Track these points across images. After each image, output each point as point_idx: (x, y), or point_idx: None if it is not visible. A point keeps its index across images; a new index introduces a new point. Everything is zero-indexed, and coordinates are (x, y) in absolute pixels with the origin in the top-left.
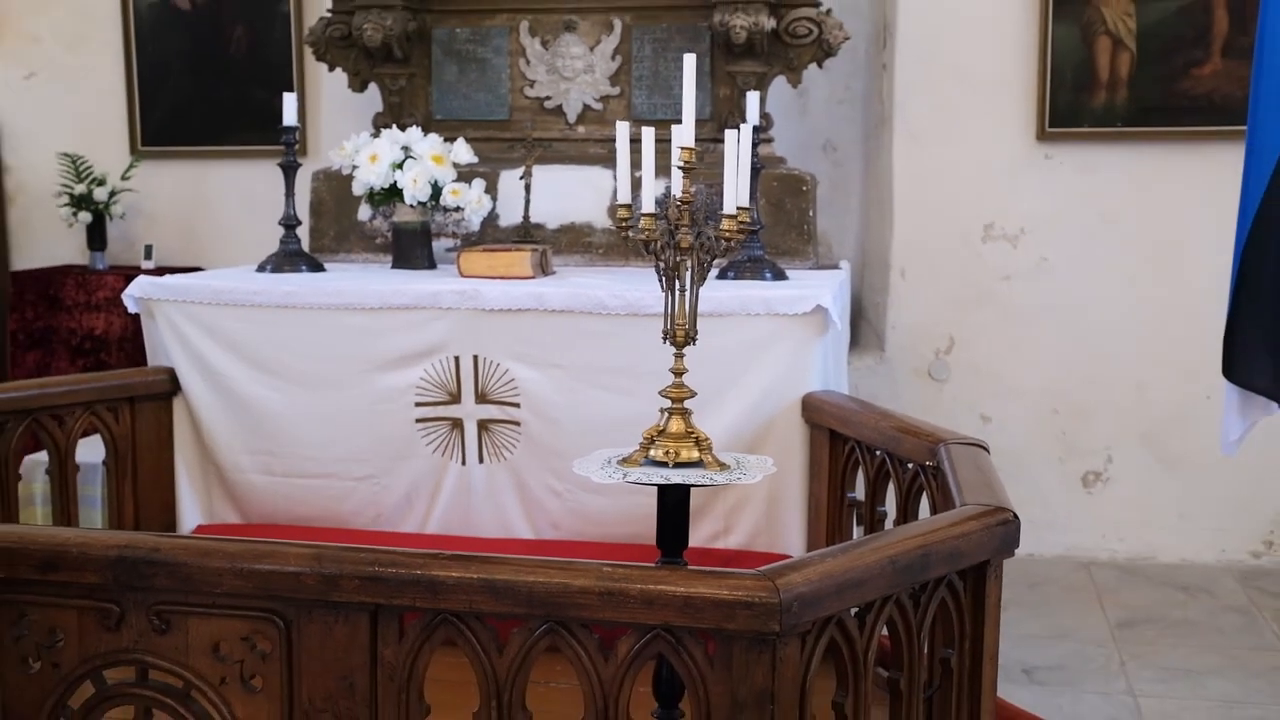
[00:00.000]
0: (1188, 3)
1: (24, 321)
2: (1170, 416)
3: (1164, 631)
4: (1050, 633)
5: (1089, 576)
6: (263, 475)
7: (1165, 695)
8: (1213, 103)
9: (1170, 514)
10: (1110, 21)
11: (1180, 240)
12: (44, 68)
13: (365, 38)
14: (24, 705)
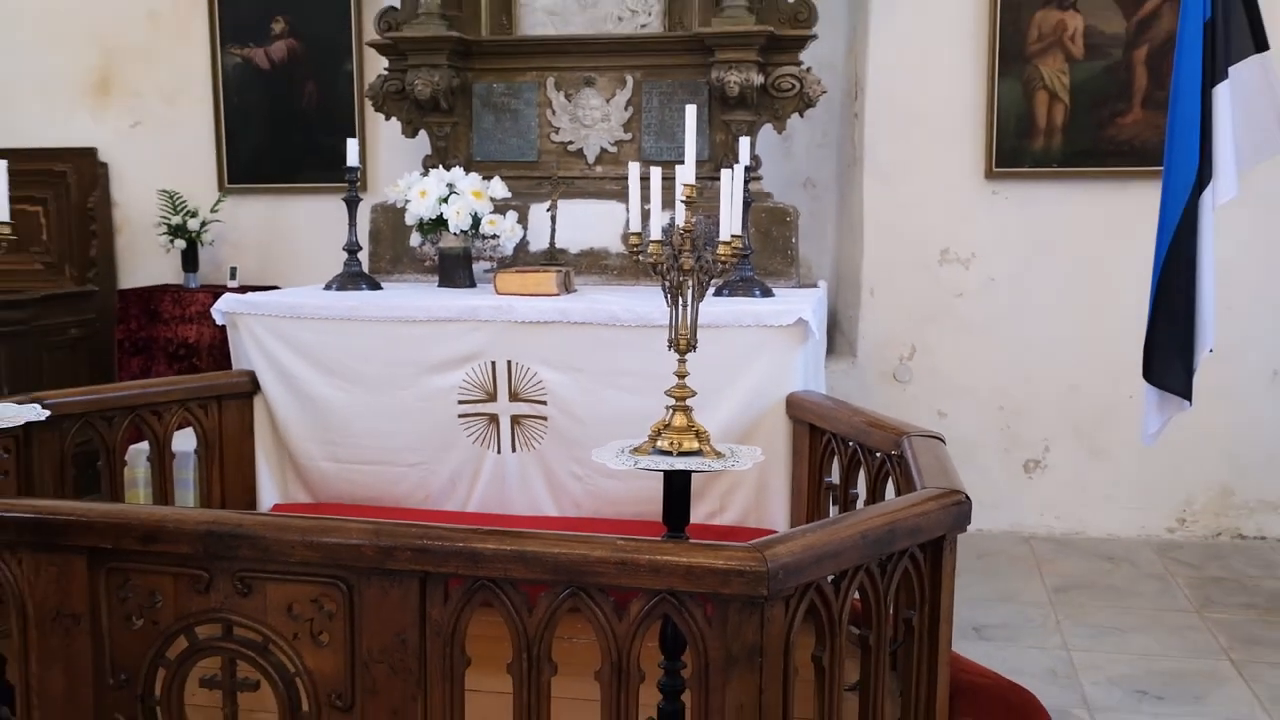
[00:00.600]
0: (1113, 63)
1: (129, 332)
2: (1098, 413)
3: (1093, 595)
4: (997, 596)
5: (1029, 549)
6: (329, 462)
7: (1094, 649)
8: (1134, 147)
9: (1098, 496)
10: (1047, 79)
11: (1106, 264)
12: (146, 118)
13: (416, 92)
14: (129, 657)
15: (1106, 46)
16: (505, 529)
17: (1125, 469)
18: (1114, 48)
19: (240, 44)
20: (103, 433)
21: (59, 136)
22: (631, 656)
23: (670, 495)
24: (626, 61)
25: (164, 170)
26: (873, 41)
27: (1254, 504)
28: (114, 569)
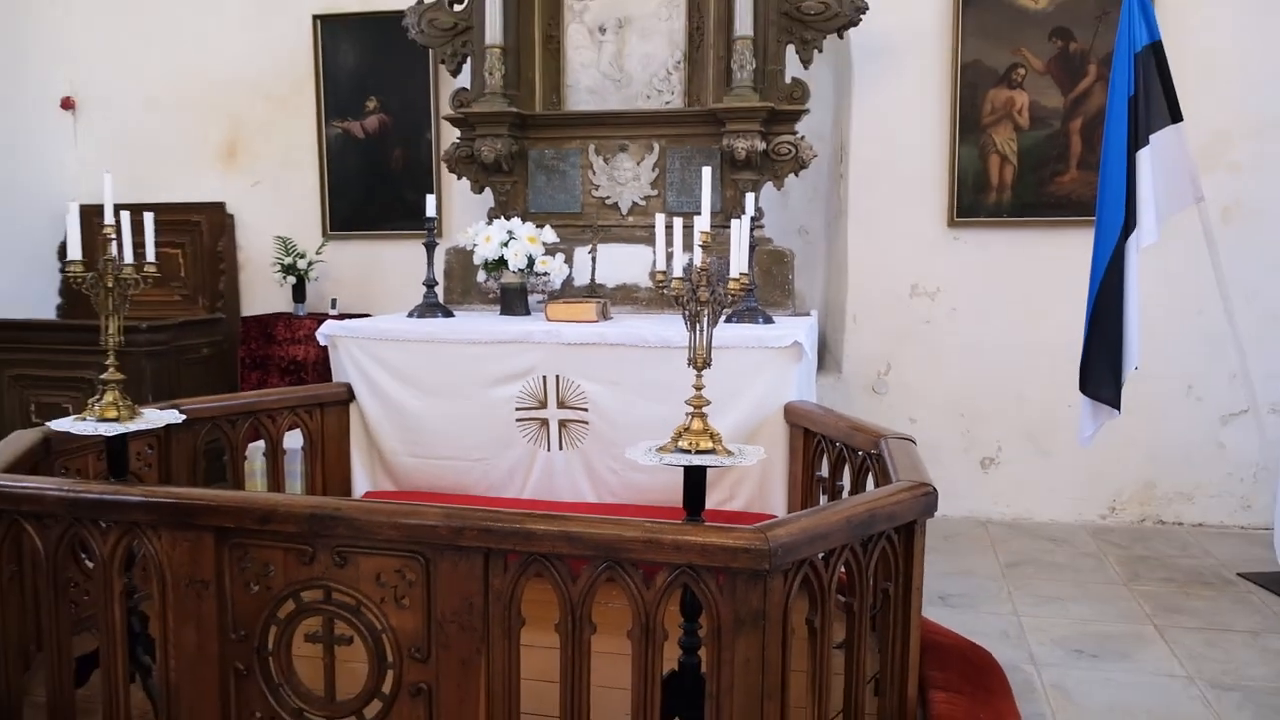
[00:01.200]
0: (1053, 131)
1: (249, 351)
2: (1042, 419)
3: (1039, 570)
4: (958, 570)
5: (985, 531)
6: (410, 458)
7: (1039, 615)
8: (1071, 201)
9: (1043, 488)
10: (999, 145)
11: (1048, 296)
12: (265, 178)
13: (482, 156)
14: (247, 616)
15: (1048, 118)
16: (554, 513)
17: (1065, 466)
18: (1054, 119)
19: (341, 118)
20: (228, 433)
21: (195, 193)
22: (657, 619)
23: (689, 486)
24: (653, 131)
25: (279, 220)
26: (855, 114)
27: (1172, 495)
28: (236, 544)
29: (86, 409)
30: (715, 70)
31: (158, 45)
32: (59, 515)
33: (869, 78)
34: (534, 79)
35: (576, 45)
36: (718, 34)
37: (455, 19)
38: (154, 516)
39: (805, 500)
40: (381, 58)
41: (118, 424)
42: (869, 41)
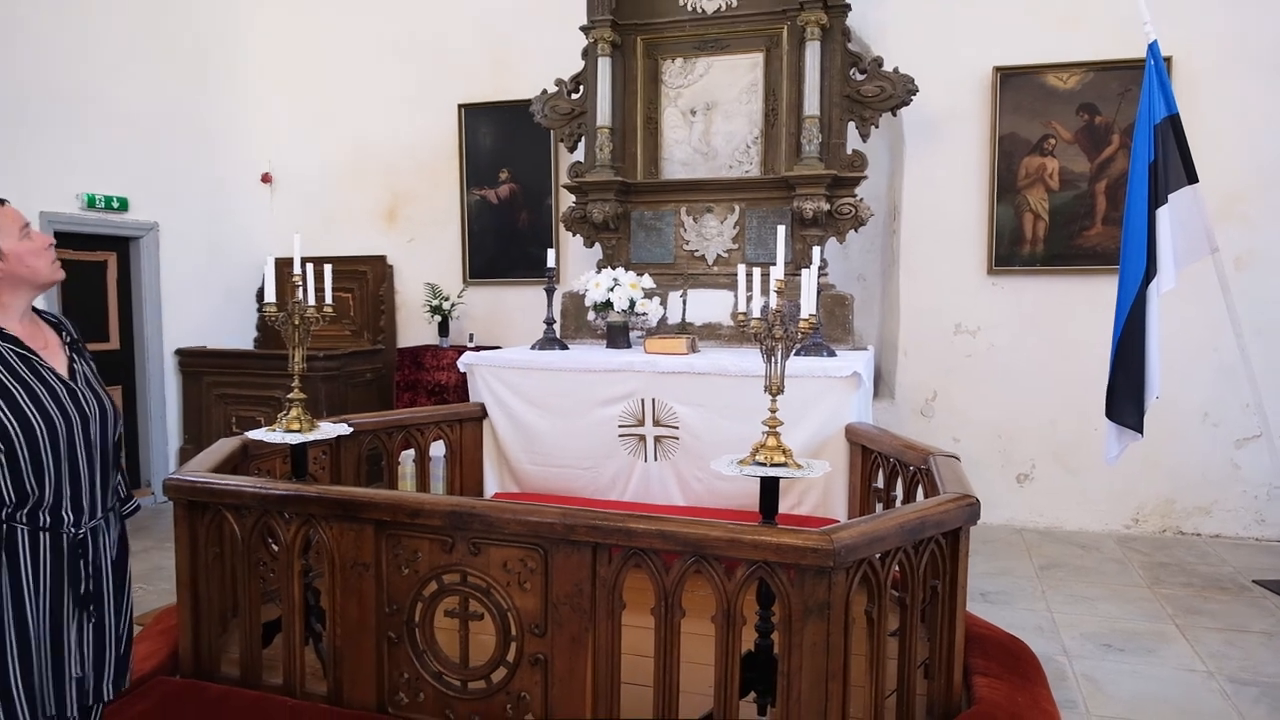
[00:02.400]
0: (1080, 192)
1: (403, 376)
2: (1072, 441)
3: (1070, 573)
4: (998, 571)
5: (1021, 538)
6: (531, 465)
7: (1070, 612)
8: (1096, 252)
9: (1072, 501)
10: (1032, 204)
11: (1076, 334)
12: (418, 235)
13: (593, 217)
14: (398, 594)
15: (1076, 181)
16: (650, 514)
17: (1092, 482)
18: (1081, 182)
19: (479, 187)
20: (385, 443)
21: (363, 248)
22: (737, 606)
23: (764, 493)
24: (735, 196)
25: (428, 269)
26: (906, 179)
27: (1191, 510)
28: (391, 534)
29: (276, 422)
30: (787, 144)
31: (336, 129)
32: (253, 508)
33: (918, 147)
34: (636, 153)
35: (672, 125)
36: (789, 114)
37: (572, 105)
38: (327, 510)
39: (863, 508)
40: (512, 137)
41: (300, 434)
42: (918, 117)
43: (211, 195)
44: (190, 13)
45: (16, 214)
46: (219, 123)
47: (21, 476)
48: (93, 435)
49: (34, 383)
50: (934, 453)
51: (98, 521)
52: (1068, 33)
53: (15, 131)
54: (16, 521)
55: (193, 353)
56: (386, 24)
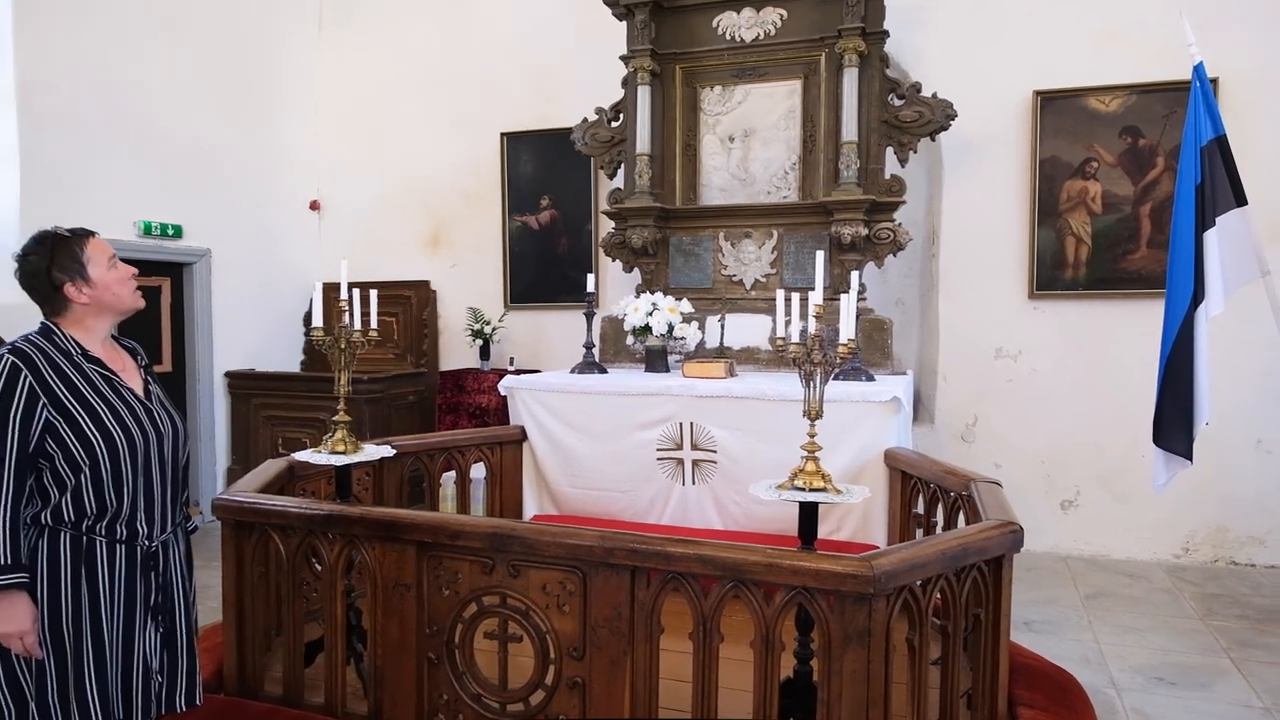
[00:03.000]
0: (1124, 215)
1: (445, 399)
2: (1118, 467)
3: (1116, 602)
4: (1042, 600)
5: (1066, 566)
6: (570, 488)
7: (1119, 644)
8: (1141, 276)
9: (1119, 528)
10: (1075, 228)
11: (1120, 358)
12: (460, 261)
13: (632, 243)
14: (439, 615)
15: (1119, 204)
16: (688, 538)
17: (1140, 509)
18: (1125, 205)
19: (520, 214)
20: (427, 464)
21: (407, 273)
22: (776, 631)
23: (803, 518)
24: (773, 221)
25: (470, 294)
26: (945, 203)
27: (1244, 539)
28: (432, 555)
29: (321, 444)
30: (825, 170)
31: (383, 158)
32: (298, 528)
33: (957, 172)
34: (675, 180)
35: (710, 152)
36: (827, 140)
37: (612, 133)
38: (370, 531)
39: (903, 534)
40: (553, 165)
41: (345, 456)
42: (957, 142)
43: (262, 222)
44: (247, 47)
45: (105, 245)
46: (271, 152)
47: (103, 489)
48: (165, 453)
49: (116, 402)
50: (975, 478)
51: (167, 535)
52: (1109, 55)
53: (81, 163)
54: (96, 534)
55: (242, 375)
56: (433, 56)
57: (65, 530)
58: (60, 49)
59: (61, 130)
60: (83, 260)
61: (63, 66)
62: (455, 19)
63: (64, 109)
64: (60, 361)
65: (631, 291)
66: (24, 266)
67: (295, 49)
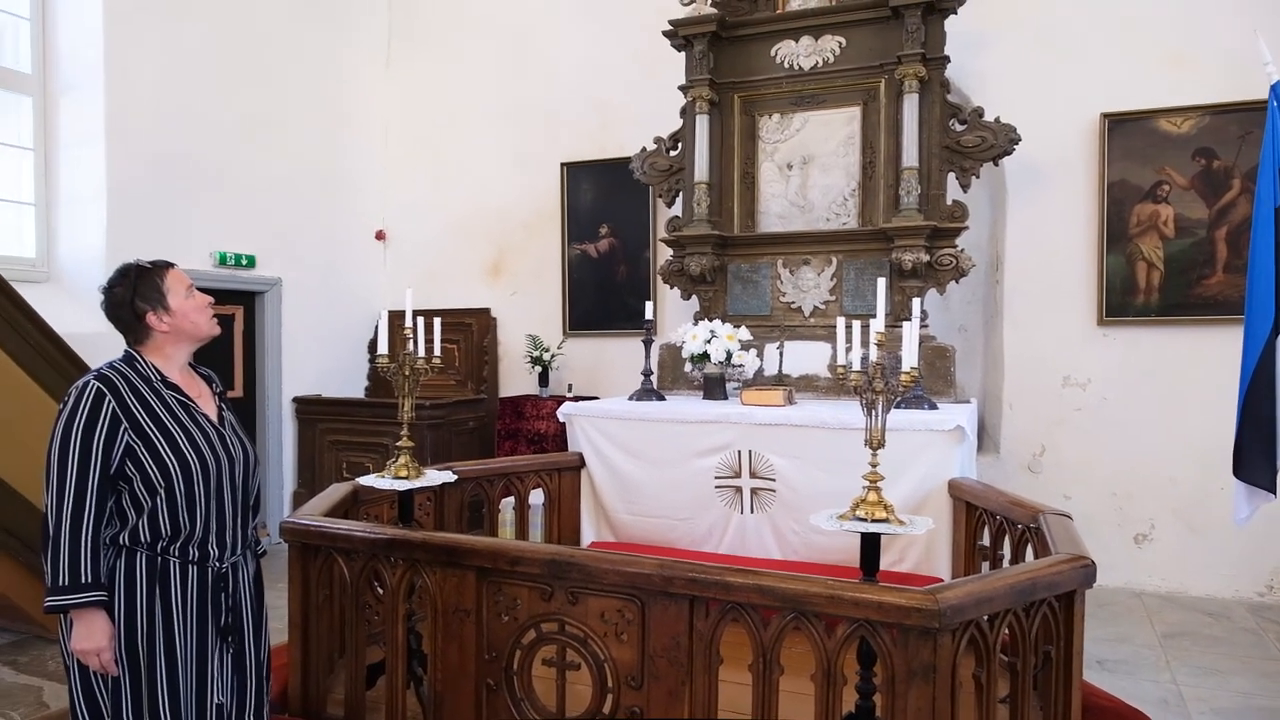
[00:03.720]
0: (1198, 240)
1: (504, 425)
2: (1195, 499)
3: (1196, 642)
4: (1115, 638)
5: (1141, 603)
6: (627, 515)
7: (1199, 686)
8: (1217, 301)
9: (1197, 563)
10: (1145, 253)
11: (1195, 386)
12: (520, 288)
13: (690, 270)
14: (498, 641)
15: (1193, 228)
16: (748, 568)
17: (1219, 544)
18: (1199, 229)
19: (579, 242)
20: (487, 490)
21: (468, 300)
22: (837, 665)
23: (865, 549)
24: (832, 248)
25: (529, 322)
26: (1009, 228)
27: None
28: (492, 581)
29: (385, 468)
30: (885, 196)
31: (445, 188)
32: (362, 551)
33: (1022, 196)
34: (733, 207)
35: (768, 179)
36: (887, 166)
37: (670, 162)
38: (431, 556)
39: (968, 567)
40: (612, 194)
41: (407, 481)
42: (1021, 166)
43: (330, 252)
44: (318, 83)
45: (182, 276)
46: (339, 184)
47: (177, 512)
48: (237, 477)
49: (191, 427)
50: (1044, 510)
51: (237, 558)
52: (1180, 76)
53: (163, 197)
54: (170, 555)
55: (309, 400)
56: (496, 90)
57: (141, 551)
58: (146, 89)
59: (145, 167)
60: (163, 290)
61: (148, 106)
62: (517, 53)
63: (148, 147)
64: (141, 387)
65: (689, 319)
66: (109, 298)
67: (364, 85)
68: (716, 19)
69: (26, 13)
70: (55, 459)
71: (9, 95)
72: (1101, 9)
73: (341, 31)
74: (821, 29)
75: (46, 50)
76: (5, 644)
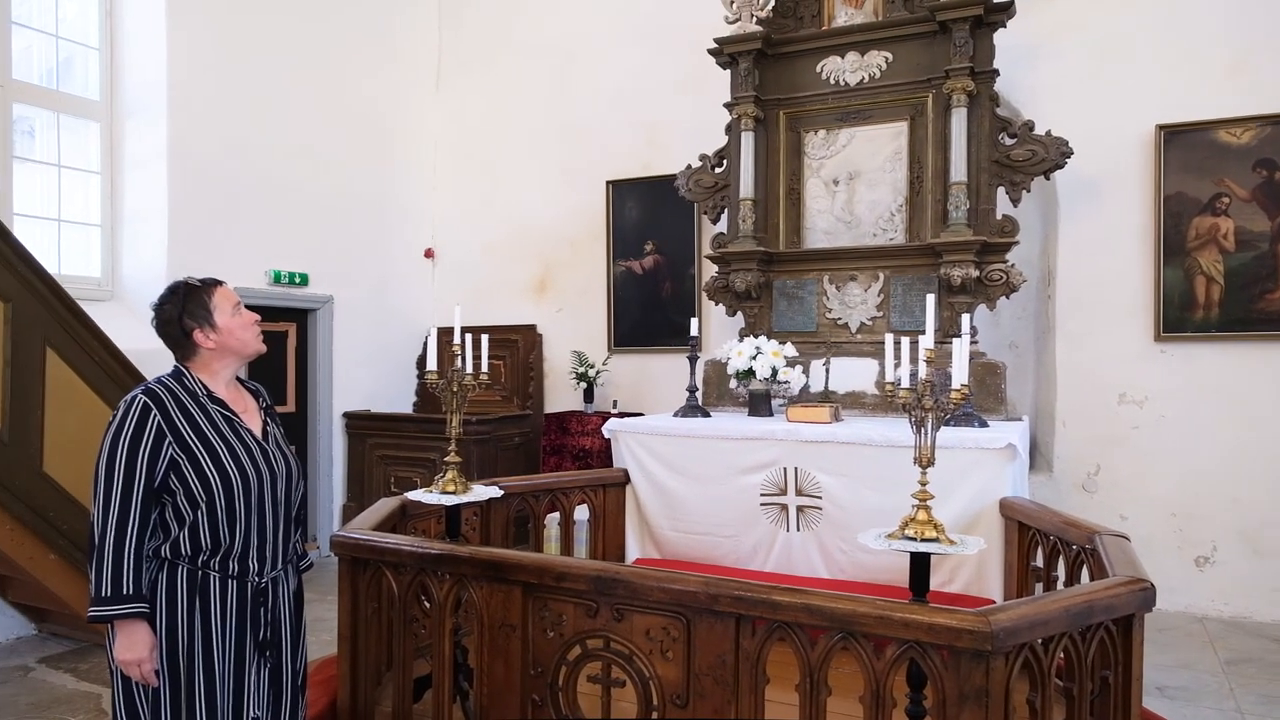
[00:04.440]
0: (1260, 253)
1: (549, 440)
2: (1260, 521)
3: (1263, 669)
4: (1176, 664)
5: (1203, 628)
6: (672, 531)
7: (1266, 715)
8: None
9: (1264, 587)
10: (1205, 267)
11: (1259, 404)
12: (566, 306)
13: (735, 286)
14: (543, 656)
15: (1255, 241)
16: (796, 587)
17: None
18: (1261, 241)
19: (624, 259)
20: (532, 505)
21: (514, 317)
22: (886, 687)
23: (915, 569)
24: (879, 263)
25: (575, 338)
26: (1061, 243)
27: None
28: (537, 597)
29: (432, 483)
30: (933, 211)
31: (492, 207)
32: (410, 565)
33: (1074, 210)
34: (778, 223)
35: (814, 195)
36: (935, 181)
37: (716, 179)
38: (478, 570)
39: (1021, 588)
40: (657, 211)
41: (455, 496)
42: (1073, 180)
43: (380, 270)
44: (369, 105)
45: (231, 293)
46: (389, 203)
47: (218, 526)
48: (279, 492)
49: (234, 442)
50: (1100, 531)
51: (278, 572)
52: (1238, 86)
53: (220, 217)
54: (210, 569)
55: (358, 416)
56: (543, 110)
57: (182, 564)
58: (206, 113)
59: (204, 188)
60: (210, 307)
61: (207, 129)
62: (564, 74)
63: (207, 169)
64: (187, 402)
65: (734, 335)
66: (159, 315)
67: (414, 107)
68: (762, 36)
69: (95, 43)
70: (102, 471)
71: (79, 121)
72: (1156, 19)
73: (393, 55)
74: (868, 44)
75: (114, 78)
76: (67, 651)
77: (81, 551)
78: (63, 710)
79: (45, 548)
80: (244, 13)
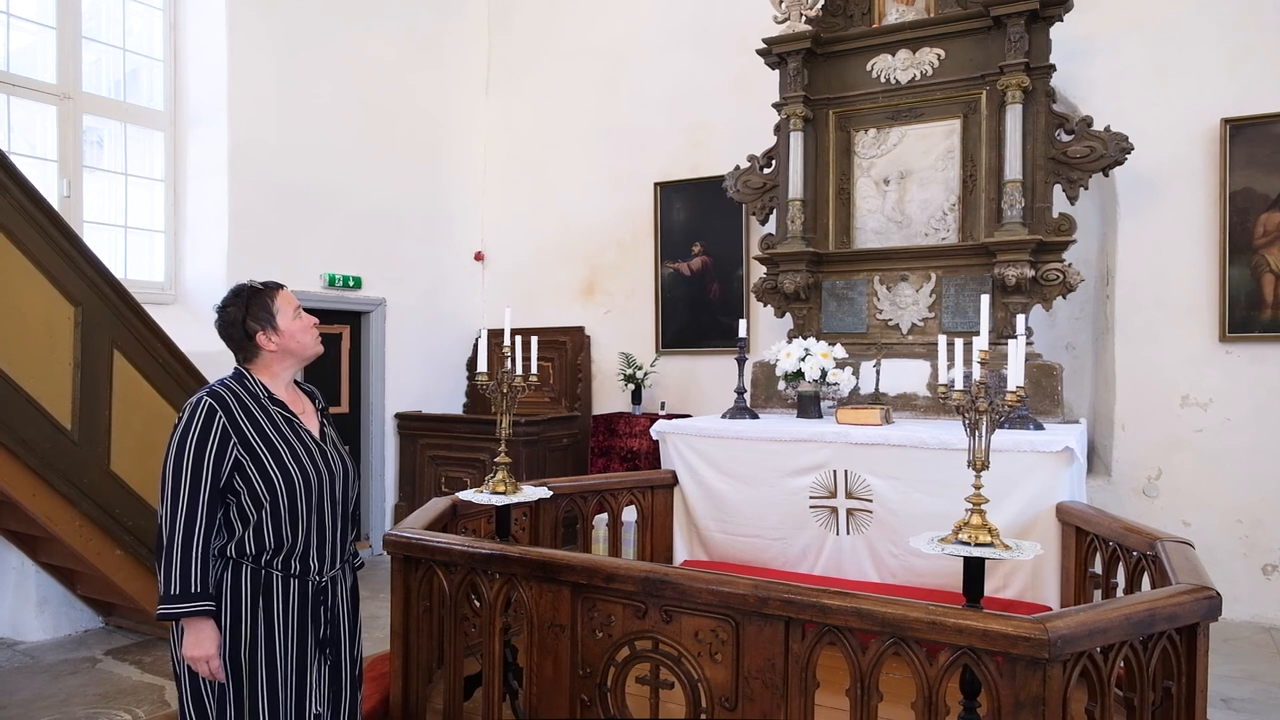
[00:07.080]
0: None
1: (597, 442)
2: None
3: None
4: (1242, 675)
5: (1271, 638)
6: (720, 533)
7: None
8: None
9: None
10: (1273, 264)
11: None
12: (613, 308)
13: (784, 288)
14: (592, 657)
15: None
16: (846, 590)
17: None
18: None
19: (672, 261)
20: (580, 506)
21: (562, 319)
22: (939, 694)
23: (968, 574)
24: (930, 263)
25: (622, 340)
26: (1120, 241)
27: None
28: (586, 597)
29: (483, 484)
30: (987, 210)
31: (542, 210)
32: (460, 565)
33: (1134, 208)
34: (828, 224)
35: (864, 195)
36: (989, 179)
37: (764, 180)
38: (528, 570)
39: (1078, 595)
40: (704, 212)
41: (505, 496)
42: (1133, 176)
43: (431, 273)
44: (421, 112)
45: (291, 297)
46: (442, 208)
47: (281, 525)
48: (337, 492)
49: (295, 442)
50: (1162, 537)
51: (336, 571)
52: None
53: (279, 222)
54: (273, 568)
55: (410, 417)
56: (591, 114)
57: (246, 563)
58: (265, 122)
59: (263, 194)
60: (273, 310)
61: (266, 138)
62: (612, 77)
63: (266, 176)
64: (249, 403)
65: (783, 336)
66: (222, 317)
67: (464, 112)
68: (811, 35)
69: (160, 55)
70: (170, 472)
71: (144, 131)
72: (1218, 8)
73: (443, 62)
74: (920, 41)
75: (177, 89)
76: (132, 645)
77: (146, 548)
78: (128, 701)
79: (112, 544)
80: (300, 25)
